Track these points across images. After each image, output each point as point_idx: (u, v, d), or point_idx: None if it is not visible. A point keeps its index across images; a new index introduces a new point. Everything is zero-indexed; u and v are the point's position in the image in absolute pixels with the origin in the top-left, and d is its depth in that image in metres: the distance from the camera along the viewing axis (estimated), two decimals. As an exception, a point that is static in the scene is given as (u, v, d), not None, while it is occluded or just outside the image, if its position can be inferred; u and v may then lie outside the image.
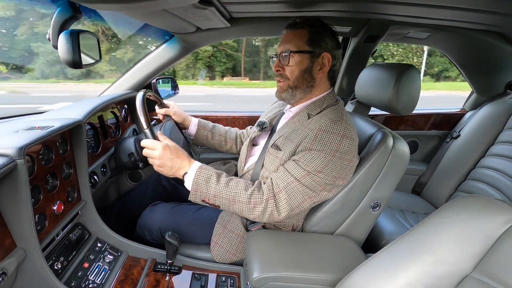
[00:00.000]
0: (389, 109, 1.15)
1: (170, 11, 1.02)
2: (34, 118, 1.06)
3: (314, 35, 1.00)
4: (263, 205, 0.94)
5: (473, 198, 0.56)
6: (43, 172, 0.88)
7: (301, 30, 1.02)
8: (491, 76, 1.77)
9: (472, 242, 0.51)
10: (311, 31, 1.01)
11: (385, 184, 1.01)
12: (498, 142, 1.54)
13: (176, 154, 0.96)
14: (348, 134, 0.93)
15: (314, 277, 0.86)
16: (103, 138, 1.29)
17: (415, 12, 1.28)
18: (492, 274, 0.48)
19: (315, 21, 1.02)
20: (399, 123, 1.91)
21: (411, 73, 1.08)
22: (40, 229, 0.86)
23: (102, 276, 1.00)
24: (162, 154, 0.94)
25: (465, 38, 1.57)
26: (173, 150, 0.96)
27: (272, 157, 1.03)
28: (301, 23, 1.02)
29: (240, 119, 1.79)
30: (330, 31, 1.03)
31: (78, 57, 0.87)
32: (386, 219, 1.46)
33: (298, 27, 1.03)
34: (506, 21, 1.31)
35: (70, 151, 1.01)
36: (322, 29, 1.02)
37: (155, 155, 0.95)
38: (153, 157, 0.96)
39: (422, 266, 0.55)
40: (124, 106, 1.54)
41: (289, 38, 1.03)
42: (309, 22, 1.02)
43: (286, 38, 1.04)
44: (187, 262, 1.11)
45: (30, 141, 0.76)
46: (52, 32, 0.88)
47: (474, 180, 1.55)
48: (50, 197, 0.90)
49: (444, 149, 1.74)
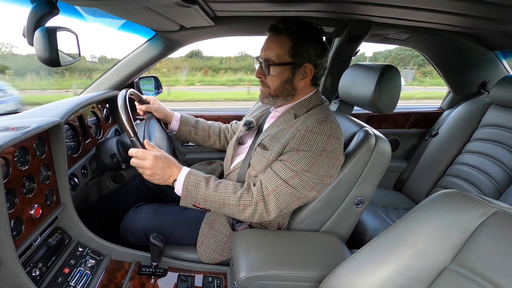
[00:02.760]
0: (371, 108, 1.18)
1: (152, 9, 1.00)
2: (8, 118, 1.01)
3: (296, 45, 0.96)
4: (253, 207, 0.94)
5: (451, 193, 0.59)
6: (19, 174, 0.84)
7: (283, 38, 0.97)
8: (466, 76, 1.85)
9: (450, 235, 0.53)
10: (293, 40, 0.96)
11: (368, 181, 1.03)
12: (473, 139, 1.62)
13: (166, 163, 0.95)
14: (334, 134, 0.95)
15: (300, 275, 0.87)
16: (83, 139, 1.25)
17: (395, 14, 1.32)
18: (469, 265, 0.51)
19: (299, 27, 0.97)
20: (381, 121, 1.96)
21: (391, 73, 1.11)
22: (16, 235, 0.82)
23: (84, 282, 0.97)
24: (153, 165, 0.92)
25: (442, 40, 1.63)
26: (164, 159, 0.95)
27: (260, 157, 1.03)
28: (283, 29, 0.97)
29: (225, 118, 1.78)
30: (315, 37, 0.98)
31: (56, 55, 0.84)
32: (369, 215, 1.50)
33: (280, 33, 0.98)
34: (481, 24, 1.37)
35: (48, 153, 0.97)
36: (306, 37, 0.97)
37: (146, 166, 0.92)
38: (144, 168, 0.93)
39: (403, 260, 0.57)
40: (105, 106, 1.50)
41: (271, 45, 0.99)
42: (291, 29, 0.96)
43: (268, 44, 1.00)
44: (173, 264, 1.10)
45: (4, 142, 0.73)
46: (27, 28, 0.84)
47: (451, 176, 1.62)
48: (26, 201, 0.86)
49: (424, 146, 1.81)
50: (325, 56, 1.02)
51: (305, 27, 0.98)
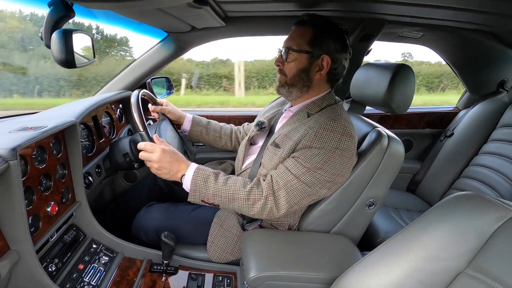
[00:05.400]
0: (384, 108, 1.16)
1: (164, 10, 1.02)
2: (27, 119, 1.05)
3: (317, 36, 0.99)
4: (262, 201, 0.94)
5: (467, 195, 0.57)
6: (37, 173, 0.87)
7: (306, 29, 1.01)
8: (484, 75, 1.79)
9: (466, 238, 0.52)
10: (315, 31, 0.99)
11: (380, 182, 1.02)
12: (491, 140, 1.56)
13: (174, 158, 0.96)
14: (348, 132, 0.94)
15: (310, 276, 0.87)
16: (97, 138, 1.28)
17: (409, 12, 1.29)
18: (486, 270, 0.49)
19: (322, 21, 1.01)
20: (394, 121, 1.93)
21: (405, 73, 1.09)
22: (34, 231, 0.85)
23: (97, 278, 0.99)
24: (161, 158, 0.94)
25: (458, 38, 1.58)
26: (172, 153, 0.96)
27: (271, 155, 1.03)
28: (308, 21, 1.01)
29: (236, 119, 1.79)
30: (336, 33, 1.01)
31: (72, 57, 0.86)
32: (381, 217, 1.47)
33: (304, 25, 1.02)
34: (498, 21, 1.33)
35: (64, 152, 1.00)
36: (327, 31, 1.00)
37: (154, 159, 0.94)
38: (152, 161, 0.95)
39: (416, 263, 0.56)
40: (118, 106, 1.53)
41: (294, 35, 1.03)
42: (315, 21, 1.01)
43: (291, 34, 1.04)
44: (184, 262, 1.11)
45: (23, 141, 0.75)
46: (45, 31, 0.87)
47: (467, 178, 1.57)
48: (43, 198, 0.89)
49: (438, 147, 1.76)
50: (344, 53, 1.03)
51: (329, 22, 1.02)
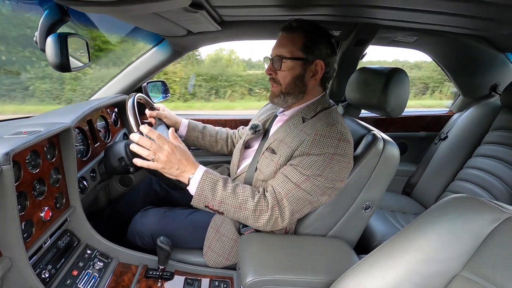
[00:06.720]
0: (379, 111, 1.17)
1: (160, 15, 1.02)
2: (20, 123, 1.04)
3: (309, 42, 0.99)
4: (269, 213, 0.92)
5: (461, 197, 0.57)
6: (30, 178, 0.85)
7: (296, 35, 1.00)
8: (477, 79, 1.82)
9: (461, 241, 0.52)
10: (306, 37, 0.99)
11: (376, 185, 1.02)
12: (484, 143, 1.58)
13: (185, 156, 0.92)
14: (345, 137, 0.94)
15: (307, 280, 0.86)
16: (92, 143, 1.27)
17: (403, 17, 1.31)
18: (481, 272, 0.49)
19: (311, 26, 1.01)
20: (389, 125, 1.94)
21: (400, 76, 1.10)
22: (27, 237, 0.83)
23: (92, 284, 0.98)
24: (172, 152, 0.89)
25: (451, 42, 1.61)
26: (183, 151, 0.92)
27: (268, 161, 1.03)
28: (297, 28, 1.01)
29: (231, 122, 1.79)
30: (326, 37, 1.01)
31: (67, 60, 0.86)
32: (377, 220, 1.48)
33: (294, 31, 1.01)
34: (490, 26, 1.35)
35: (58, 156, 0.99)
36: (318, 36, 1.00)
37: (163, 152, 0.88)
38: (161, 152, 0.88)
39: (412, 266, 0.56)
40: (114, 110, 1.52)
41: (284, 42, 1.02)
42: (304, 27, 1.00)
43: (281, 41, 1.03)
44: (180, 267, 1.10)
45: (16, 146, 0.74)
46: (40, 34, 0.87)
47: (462, 180, 1.59)
48: (37, 204, 0.88)
49: (433, 150, 1.78)
50: (334, 56, 1.04)
51: (317, 27, 1.02)
